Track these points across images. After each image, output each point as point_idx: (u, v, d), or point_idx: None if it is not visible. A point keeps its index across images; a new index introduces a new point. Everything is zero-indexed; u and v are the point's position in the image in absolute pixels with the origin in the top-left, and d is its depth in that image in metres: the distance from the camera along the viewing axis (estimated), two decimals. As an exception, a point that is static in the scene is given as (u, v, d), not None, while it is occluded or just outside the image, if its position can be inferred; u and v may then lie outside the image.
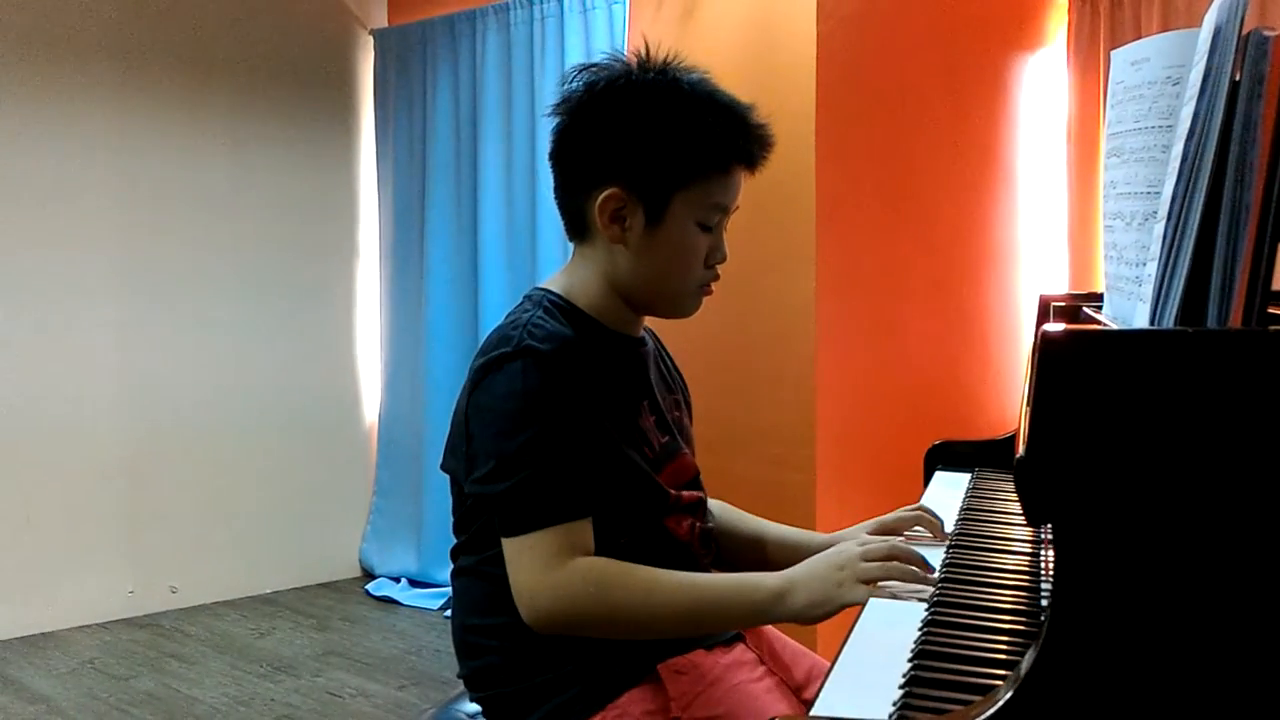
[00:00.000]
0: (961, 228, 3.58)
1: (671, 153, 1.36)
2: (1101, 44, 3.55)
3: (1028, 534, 1.44)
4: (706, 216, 1.39)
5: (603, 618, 1.29)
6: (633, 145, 1.36)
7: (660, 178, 1.36)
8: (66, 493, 4.14)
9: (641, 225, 1.37)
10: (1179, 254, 0.98)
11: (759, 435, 3.18)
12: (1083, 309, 1.49)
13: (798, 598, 1.25)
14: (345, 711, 3.37)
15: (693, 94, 1.38)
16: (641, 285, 1.41)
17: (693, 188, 1.37)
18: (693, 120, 1.36)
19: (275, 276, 4.61)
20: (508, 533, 1.30)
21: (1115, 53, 1.29)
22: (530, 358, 1.30)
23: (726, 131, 1.37)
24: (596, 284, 1.42)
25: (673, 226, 1.37)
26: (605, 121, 1.38)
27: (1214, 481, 0.82)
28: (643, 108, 1.37)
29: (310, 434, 4.73)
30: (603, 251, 1.41)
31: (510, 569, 1.30)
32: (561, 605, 1.27)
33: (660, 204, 1.37)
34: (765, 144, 1.42)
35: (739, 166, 1.40)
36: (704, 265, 1.41)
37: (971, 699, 0.90)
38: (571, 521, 1.29)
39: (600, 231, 1.39)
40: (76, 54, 4.13)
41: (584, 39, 3.89)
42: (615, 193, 1.37)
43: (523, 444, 1.29)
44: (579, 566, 1.28)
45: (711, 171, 1.37)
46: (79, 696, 3.49)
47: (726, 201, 1.40)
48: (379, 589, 4.58)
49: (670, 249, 1.38)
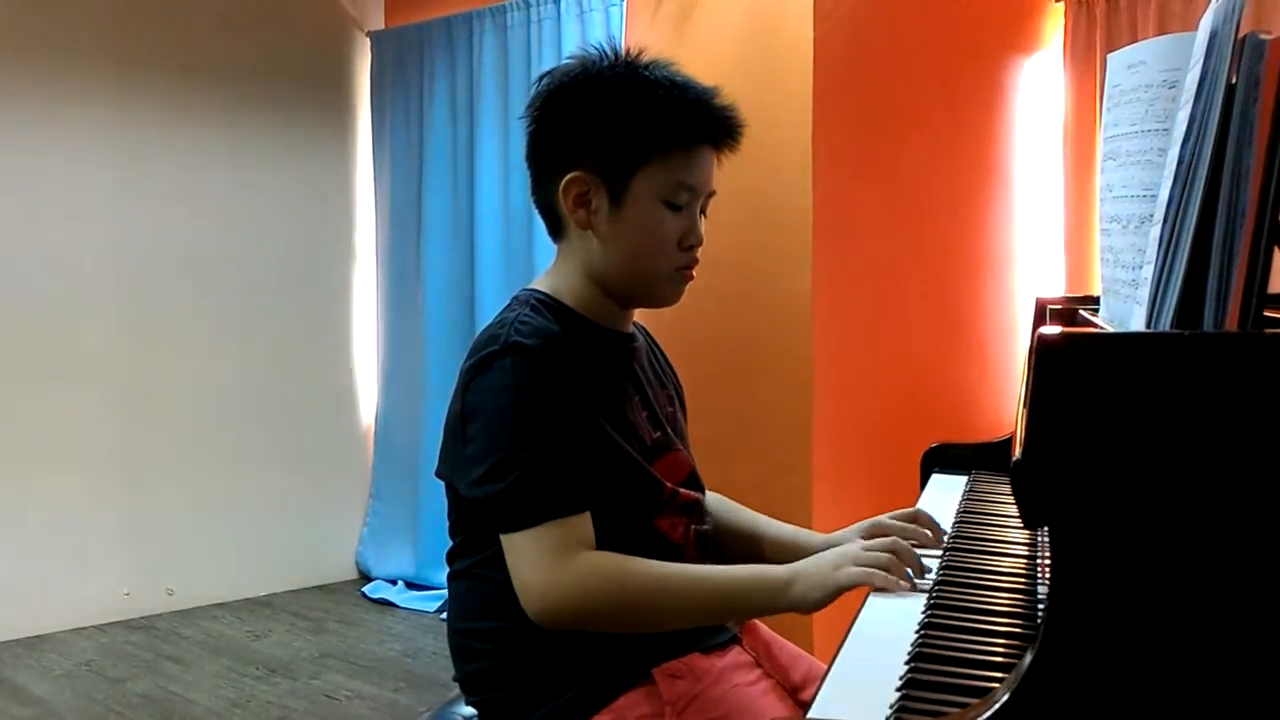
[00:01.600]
0: (958, 231, 3.58)
1: (627, 130, 1.37)
2: (1098, 47, 3.55)
3: (1024, 536, 1.44)
4: (673, 195, 1.38)
5: (613, 612, 1.29)
6: (590, 128, 1.38)
7: (618, 156, 1.37)
8: (63, 495, 4.14)
9: (607, 207, 1.38)
10: (1175, 257, 0.98)
11: (755, 437, 3.18)
12: (1079, 312, 1.49)
13: (799, 587, 1.27)
14: (341, 714, 3.36)
15: (648, 76, 1.39)
16: (616, 270, 1.41)
17: (653, 165, 1.37)
18: (648, 98, 1.37)
19: (272, 278, 4.61)
20: (508, 528, 1.30)
21: (1112, 56, 1.29)
22: (519, 354, 1.30)
23: (683, 108, 1.38)
24: (579, 279, 1.43)
25: (638, 206, 1.38)
26: (564, 112, 1.40)
27: (1210, 484, 0.82)
28: (599, 92, 1.39)
29: (307, 436, 4.73)
30: (578, 243, 1.42)
31: (514, 566, 1.30)
32: (572, 600, 1.27)
33: (622, 183, 1.37)
34: (730, 125, 1.42)
35: (702, 145, 1.40)
36: (679, 248, 1.40)
37: (968, 701, 0.90)
38: (572, 515, 1.29)
39: (569, 219, 1.40)
40: (72, 57, 4.13)
41: (581, 41, 3.88)
42: (578, 176, 1.38)
43: (517, 440, 1.29)
44: (586, 560, 1.28)
45: (671, 147, 1.37)
46: (75, 698, 3.48)
47: (692, 181, 1.39)
48: (375, 591, 4.58)
49: (638, 229, 1.39)
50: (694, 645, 1.39)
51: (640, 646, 1.35)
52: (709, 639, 1.41)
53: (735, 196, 1.71)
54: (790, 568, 1.30)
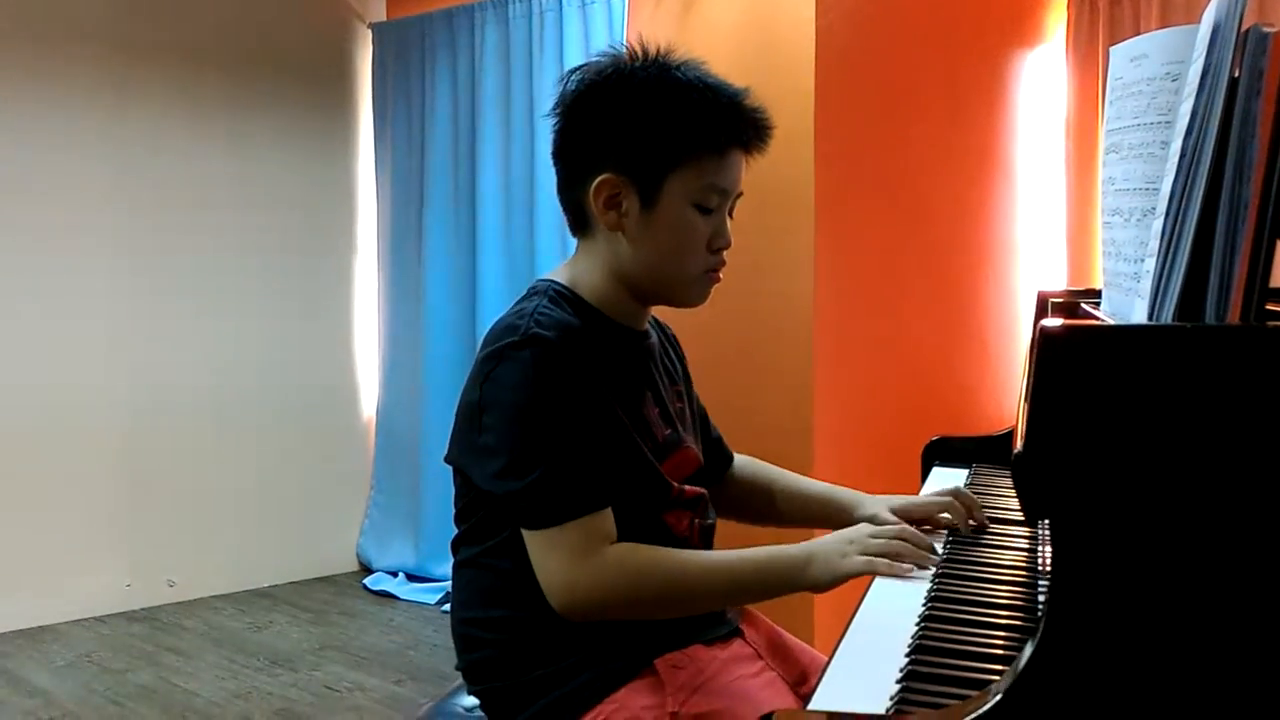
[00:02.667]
0: (960, 224, 3.58)
1: (661, 133, 1.36)
2: (1100, 40, 3.55)
3: (1025, 530, 1.44)
4: (703, 198, 1.38)
5: (638, 602, 1.31)
6: (623, 130, 1.37)
7: (651, 159, 1.36)
8: (64, 487, 4.14)
9: (638, 210, 1.38)
10: (1177, 250, 0.98)
11: (756, 431, 3.16)
12: (1081, 305, 1.49)
13: (814, 569, 1.30)
14: (342, 705, 3.37)
15: (682, 78, 1.38)
16: (644, 272, 1.41)
17: (686, 168, 1.37)
18: (681, 101, 1.37)
19: (273, 270, 4.61)
20: (532, 526, 1.30)
21: (1114, 49, 1.29)
22: (539, 347, 1.30)
23: (716, 111, 1.37)
24: (600, 276, 1.42)
25: (669, 209, 1.38)
26: (597, 111, 1.39)
27: (1211, 476, 0.82)
28: (632, 93, 1.38)
29: (308, 428, 4.73)
30: (604, 243, 1.41)
31: (538, 563, 1.30)
32: (599, 594, 1.29)
33: (654, 186, 1.37)
34: (760, 127, 1.42)
35: (733, 148, 1.40)
36: (708, 250, 1.40)
37: (969, 693, 0.90)
38: (595, 512, 1.30)
39: (599, 220, 1.40)
40: (72, 48, 4.12)
41: (583, 34, 3.88)
42: (609, 178, 1.37)
43: (538, 436, 1.29)
44: (613, 554, 1.29)
45: (703, 151, 1.37)
46: (76, 690, 3.49)
47: (724, 184, 1.39)
48: (376, 583, 4.58)
49: (668, 232, 1.38)
50: (696, 636, 1.39)
51: (643, 637, 1.36)
52: (711, 630, 1.42)
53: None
54: (806, 548, 1.32)
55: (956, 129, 3.53)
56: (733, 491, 1.67)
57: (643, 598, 1.31)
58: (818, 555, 1.30)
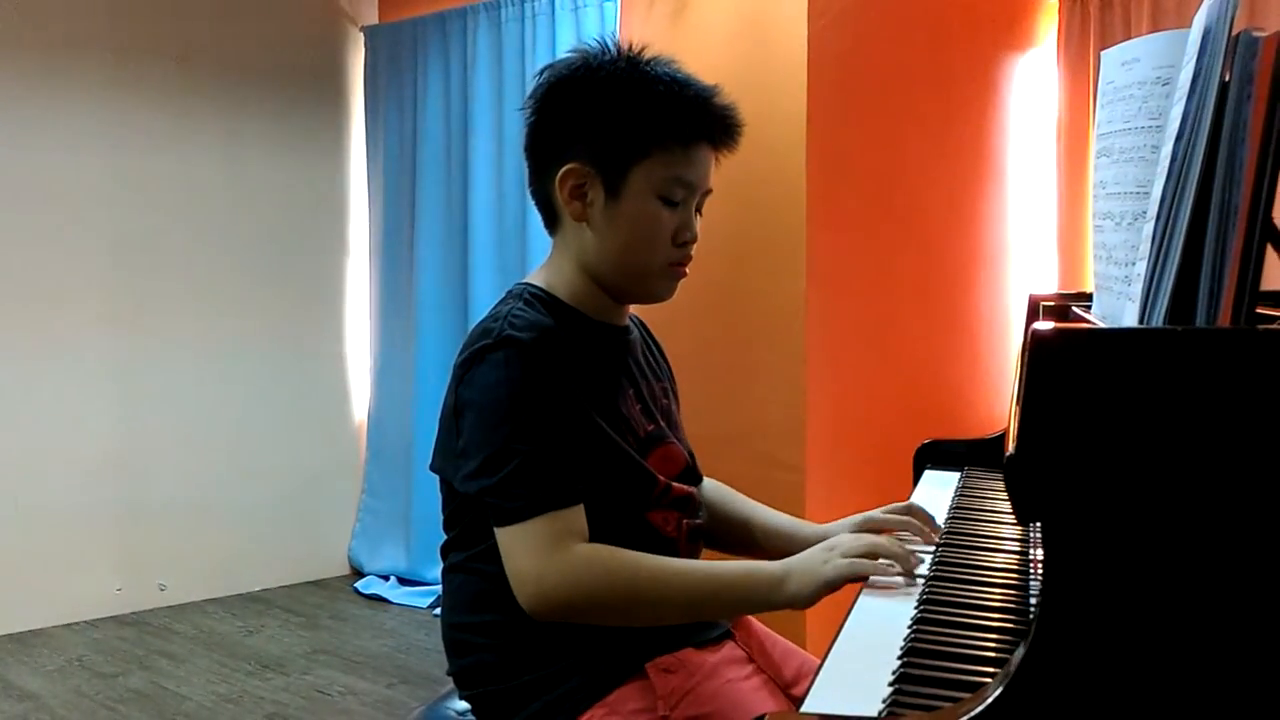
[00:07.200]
0: (951, 227, 3.58)
1: (626, 123, 1.37)
2: (1091, 44, 3.56)
3: (1017, 532, 1.44)
4: (668, 191, 1.39)
5: (606, 604, 1.29)
6: (589, 119, 1.38)
7: (617, 149, 1.37)
8: (55, 490, 4.13)
9: (603, 200, 1.38)
10: (1168, 254, 0.98)
11: (749, 433, 3.18)
12: (1072, 308, 1.49)
13: (792, 585, 1.27)
14: (334, 709, 3.36)
15: (650, 72, 1.39)
16: (608, 263, 1.41)
17: (651, 159, 1.37)
18: (648, 92, 1.37)
19: (265, 273, 4.60)
20: (502, 522, 1.30)
21: (1105, 53, 1.29)
22: (512, 348, 1.30)
23: (683, 104, 1.38)
24: (573, 273, 1.43)
25: (633, 199, 1.38)
26: (564, 103, 1.40)
27: (1202, 480, 0.82)
28: (599, 85, 1.39)
29: (299, 431, 4.73)
30: (573, 236, 1.42)
31: (507, 558, 1.30)
32: (565, 592, 1.27)
33: (618, 176, 1.37)
34: (729, 124, 1.42)
35: (700, 143, 1.40)
36: (672, 243, 1.41)
37: (961, 696, 0.90)
38: (566, 508, 1.29)
39: (564, 210, 1.40)
40: (66, 50, 4.11)
41: (575, 37, 3.88)
42: (575, 168, 1.38)
43: (510, 434, 1.29)
44: (582, 552, 1.28)
45: (669, 142, 1.37)
46: (67, 694, 3.47)
47: (689, 177, 1.40)
48: (368, 587, 4.58)
49: (632, 223, 1.39)
50: (687, 640, 1.39)
51: (634, 641, 1.35)
52: (702, 634, 1.42)
53: (729, 192, 1.71)
54: (783, 564, 1.30)
55: (948, 132, 3.54)
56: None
57: (612, 599, 1.29)
58: (795, 569, 1.28)
